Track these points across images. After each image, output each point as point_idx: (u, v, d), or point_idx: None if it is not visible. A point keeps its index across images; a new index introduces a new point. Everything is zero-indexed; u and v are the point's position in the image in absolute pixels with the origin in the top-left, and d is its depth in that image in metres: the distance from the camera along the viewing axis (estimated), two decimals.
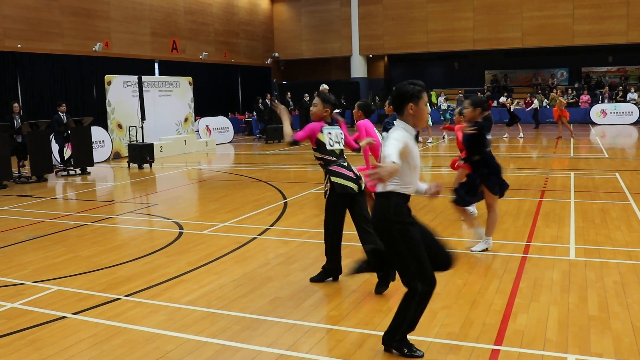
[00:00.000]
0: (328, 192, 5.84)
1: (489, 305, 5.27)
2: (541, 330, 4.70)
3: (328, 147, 5.81)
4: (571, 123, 22.57)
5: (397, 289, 5.74)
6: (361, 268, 4.73)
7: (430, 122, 22.15)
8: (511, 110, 22.53)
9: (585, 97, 31.22)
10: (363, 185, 5.91)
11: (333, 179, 5.76)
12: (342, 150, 5.93)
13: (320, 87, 17.34)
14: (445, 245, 4.42)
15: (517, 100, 33.39)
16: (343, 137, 5.97)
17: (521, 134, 22.85)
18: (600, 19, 30.47)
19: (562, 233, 7.80)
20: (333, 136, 5.84)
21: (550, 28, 31.40)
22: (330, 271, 6.09)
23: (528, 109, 27.37)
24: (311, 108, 6.01)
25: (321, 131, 5.80)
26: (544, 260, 6.62)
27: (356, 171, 5.89)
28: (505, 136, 22.90)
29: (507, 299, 5.43)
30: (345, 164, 5.85)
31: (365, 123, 7.53)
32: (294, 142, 5.72)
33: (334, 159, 5.84)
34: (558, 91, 27.36)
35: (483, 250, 7.00)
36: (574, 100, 31.71)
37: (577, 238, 7.53)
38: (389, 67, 40.93)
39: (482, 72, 38.50)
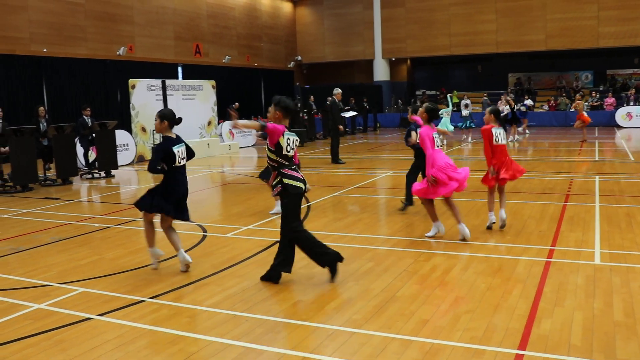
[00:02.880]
0: (280, 192, 6.14)
1: (513, 310, 5.23)
2: (565, 336, 4.66)
3: (284, 152, 6.09)
4: (596, 126, 22.30)
5: (417, 296, 5.73)
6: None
7: (450, 128, 21.84)
8: (514, 109, 22.32)
9: (610, 100, 30.86)
10: (308, 187, 6.30)
11: (285, 180, 6.07)
12: (292, 157, 6.23)
13: (334, 91, 17.33)
14: None
15: (541, 103, 33.18)
16: (298, 143, 6.29)
17: (517, 137, 22.50)
18: (625, 20, 30.12)
19: (586, 237, 7.72)
20: (291, 142, 6.15)
21: (574, 30, 31.11)
22: (333, 260, 6.25)
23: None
24: (268, 114, 6.36)
25: (282, 135, 6.05)
26: (569, 265, 6.56)
27: (301, 174, 6.23)
28: (515, 138, 22.35)
29: (531, 303, 5.38)
30: (294, 167, 6.22)
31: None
32: (264, 126, 5.96)
33: (286, 163, 6.14)
34: (577, 95, 27.09)
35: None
36: (598, 103, 31.37)
37: (602, 242, 7.44)
38: (412, 70, 40.83)
39: (506, 74, 38.23)
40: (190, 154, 6.94)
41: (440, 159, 7.69)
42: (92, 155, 16.50)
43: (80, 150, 16.44)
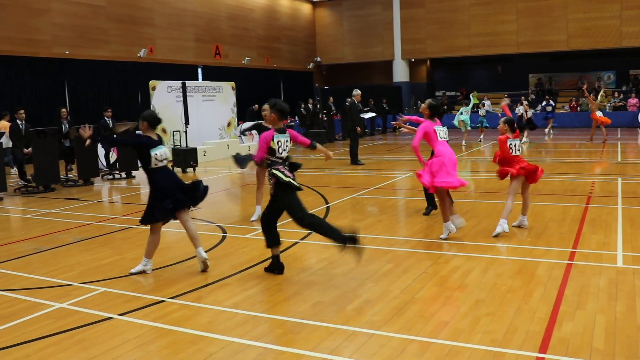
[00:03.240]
0: (274, 187, 6.43)
1: (534, 312, 5.19)
2: (587, 339, 4.61)
3: (277, 154, 6.44)
4: (618, 127, 22.04)
5: (437, 298, 5.71)
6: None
7: (468, 127, 21.85)
8: (529, 115, 22.34)
9: (633, 101, 30.49)
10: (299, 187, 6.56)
11: (276, 173, 6.36)
12: (287, 156, 6.56)
13: (354, 92, 17.30)
14: None
15: (562, 104, 32.87)
16: (290, 144, 6.59)
17: (525, 139, 22.36)
18: None
19: (609, 240, 7.63)
20: (282, 144, 6.47)
21: (596, 30, 30.78)
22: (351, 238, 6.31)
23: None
24: (263, 113, 6.63)
25: (272, 139, 6.39)
26: (590, 267, 6.49)
27: (294, 175, 6.51)
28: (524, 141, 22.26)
29: (551, 306, 5.34)
30: (287, 167, 6.50)
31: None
32: (259, 164, 6.53)
33: (280, 161, 6.47)
34: (591, 94, 26.83)
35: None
36: (621, 103, 31.01)
37: (624, 245, 7.35)
38: (432, 71, 40.67)
39: (526, 75, 37.94)
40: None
41: (444, 153, 7.77)
42: (113, 156, 16.64)
43: (101, 151, 16.59)
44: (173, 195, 6.70)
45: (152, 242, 6.84)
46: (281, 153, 6.45)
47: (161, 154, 6.73)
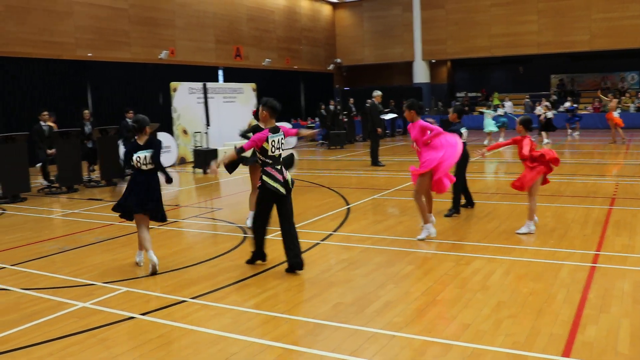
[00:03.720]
0: (260, 186, 6.69)
1: (556, 316, 5.14)
2: (612, 343, 4.56)
3: (269, 153, 6.60)
4: None
5: (458, 300, 5.67)
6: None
7: (494, 128, 21.87)
8: (549, 116, 22.19)
9: None
10: (291, 188, 6.77)
11: (264, 177, 6.59)
12: (280, 155, 6.74)
13: (374, 93, 17.26)
14: None
15: (584, 105, 32.55)
16: (283, 143, 6.77)
17: (547, 140, 22.17)
18: None
19: (633, 242, 7.53)
20: (276, 142, 6.64)
21: (619, 30, 30.41)
22: (256, 255, 7.13)
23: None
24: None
25: (266, 140, 6.55)
26: (614, 270, 6.41)
27: (285, 175, 6.71)
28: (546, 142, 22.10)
29: (575, 309, 5.28)
30: (279, 167, 6.69)
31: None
32: (240, 149, 6.66)
33: (270, 162, 6.63)
34: (609, 94, 26.52)
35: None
36: None
37: None
38: (452, 72, 40.46)
39: (548, 76, 37.60)
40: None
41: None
42: None
43: (123, 152, 16.70)
44: (139, 200, 7.02)
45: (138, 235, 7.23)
46: (274, 152, 6.62)
47: (143, 157, 6.97)
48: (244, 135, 9.21)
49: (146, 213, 7.08)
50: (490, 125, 21.76)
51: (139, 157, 6.94)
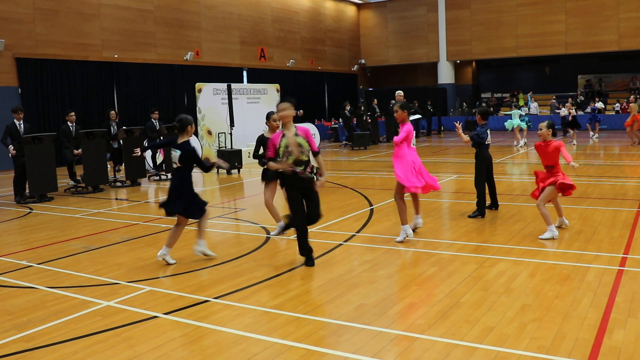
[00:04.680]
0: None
1: (583, 319, 5.06)
2: None
3: (278, 158, 6.82)
4: None
5: (482, 302, 5.61)
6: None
7: (524, 126, 21.89)
8: (573, 114, 22.05)
9: None
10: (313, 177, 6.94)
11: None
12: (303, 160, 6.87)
13: (396, 94, 17.19)
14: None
15: (612, 105, 32.12)
16: (292, 149, 6.81)
17: (574, 141, 21.90)
18: None
19: None
20: (283, 148, 6.81)
21: None
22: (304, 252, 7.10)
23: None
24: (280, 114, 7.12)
25: (279, 145, 6.82)
26: None
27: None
28: (572, 142, 21.86)
29: (602, 313, 5.19)
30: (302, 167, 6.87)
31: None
32: (267, 160, 7.02)
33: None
34: (631, 96, 26.19)
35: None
36: None
37: None
38: (477, 72, 40.19)
39: (575, 76, 37.18)
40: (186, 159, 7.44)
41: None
42: (159, 158, 16.90)
43: (148, 152, 16.86)
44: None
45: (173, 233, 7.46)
46: (282, 157, 6.81)
47: (174, 155, 7.38)
48: (255, 156, 8.96)
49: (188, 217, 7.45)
50: (517, 122, 21.80)
51: (172, 154, 7.36)
